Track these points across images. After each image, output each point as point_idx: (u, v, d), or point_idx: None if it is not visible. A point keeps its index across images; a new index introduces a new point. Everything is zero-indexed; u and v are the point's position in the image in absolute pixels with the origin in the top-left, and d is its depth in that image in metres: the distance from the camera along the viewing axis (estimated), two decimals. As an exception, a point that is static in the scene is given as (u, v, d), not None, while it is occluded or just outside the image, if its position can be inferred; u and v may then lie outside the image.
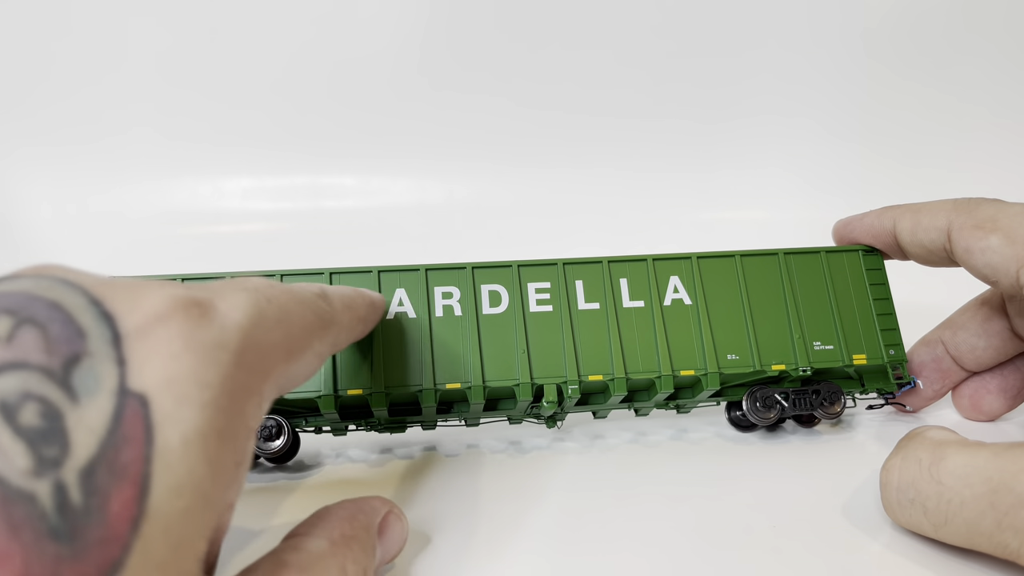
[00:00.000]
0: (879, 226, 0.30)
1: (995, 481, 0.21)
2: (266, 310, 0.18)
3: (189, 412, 0.14)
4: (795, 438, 0.30)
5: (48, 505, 0.12)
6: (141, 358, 0.14)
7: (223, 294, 0.17)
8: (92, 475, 0.13)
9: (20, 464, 0.12)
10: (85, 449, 0.13)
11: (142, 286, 0.16)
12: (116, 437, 0.13)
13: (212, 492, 0.15)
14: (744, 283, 0.29)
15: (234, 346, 0.16)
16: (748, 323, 0.29)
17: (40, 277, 0.15)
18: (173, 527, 0.14)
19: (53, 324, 0.14)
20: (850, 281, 0.30)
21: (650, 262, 0.29)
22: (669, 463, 0.29)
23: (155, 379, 0.14)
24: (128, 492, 0.13)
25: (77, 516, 0.13)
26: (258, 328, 0.17)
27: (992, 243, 0.26)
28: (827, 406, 0.29)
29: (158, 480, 0.14)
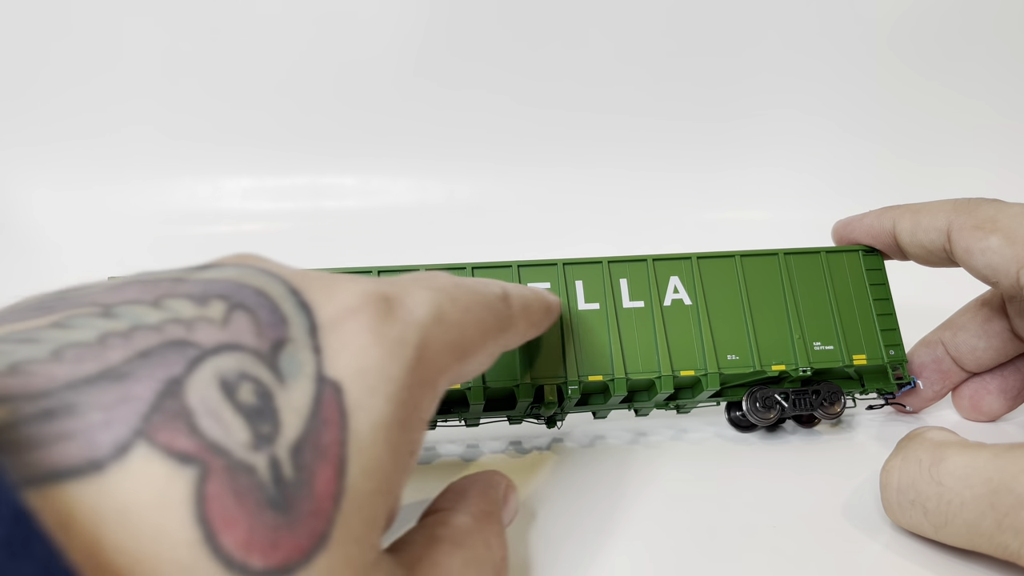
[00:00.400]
0: (879, 226, 0.30)
1: (995, 482, 0.21)
2: (447, 310, 0.18)
3: (377, 402, 0.15)
4: (795, 438, 0.30)
5: (266, 477, 0.13)
6: (335, 348, 0.15)
7: (410, 291, 0.18)
8: (300, 452, 0.14)
9: (241, 438, 0.13)
10: (293, 428, 0.14)
11: (335, 279, 0.17)
12: (317, 419, 0.14)
13: (393, 477, 0.16)
14: (744, 283, 0.29)
15: (415, 342, 0.17)
16: (748, 323, 0.29)
17: (243, 266, 0.17)
18: (365, 506, 0.15)
19: (261, 310, 0.15)
20: (850, 281, 0.30)
21: (650, 262, 0.29)
22: (669, 463, 0.29)
23: (347, 369, 0.15)
24: (330, 471, 0.14)
25: (290, 489, 0.13)
26: (438, 327, 0.18)
27: (992, 244, 0.26)
28: (827, 406, 0.29)
29: (352, 462, 0.15)
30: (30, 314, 0.15)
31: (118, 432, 0.12)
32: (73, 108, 0.53)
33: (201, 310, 0.15)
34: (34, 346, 0.14)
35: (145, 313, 0.14)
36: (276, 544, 0.13)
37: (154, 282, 0.16)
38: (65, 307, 0.15)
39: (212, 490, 0.13)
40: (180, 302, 0.15)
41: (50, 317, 0.15)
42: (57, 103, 0.53)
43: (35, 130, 0.53)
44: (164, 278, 0.16)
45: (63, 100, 0.53)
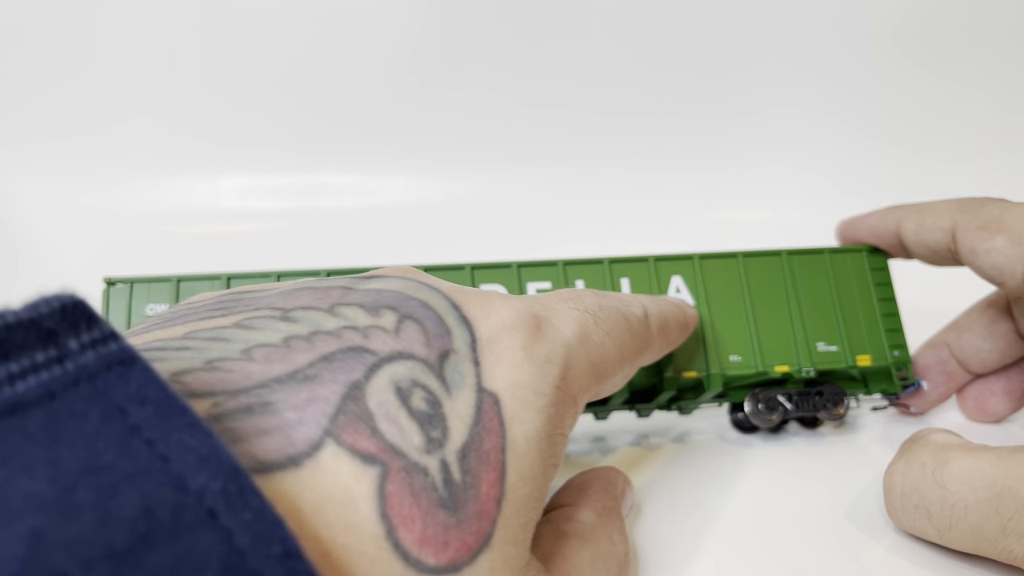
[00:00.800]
0: (883, 226, 0.29)
1: (999, 486, 0.21)
2: (591, 331, 0.19)
3: (529, 414, 0.16)
4: (798, 439, 0.30)
5: (438, 479, 0.14)
6: (491, 362, 0.16)
7: (557, 311, 0.19)
8: (467, 456, 0.15)
9: (416, 441, 0.14)
10: (459, 434, 0.15)
11: (489, 296, 0.18)
12: (480, 427, 0.15)
13: (543, 484, 0.17)
14: (747, 284, 0.29)
15: (561, 361, 0.18)
16: (751, 324, 0.29)
17: (406, 279, 0.18)
18: (523, 509, 0.16)
19: (428, 321, 0.16)
20: (854, 281, 0.30)
21: (652, 262, 0.29)
22: (670, 465, 0.28)
23: (503, 382, 0.16)
24: (493, 475, 0.15)
25: (459, 490, 0.14)
26: (581, 347, 0.19)
27: (997, 244, 0.26)
28: (831, 408, 0.28)
29: (511, 468, 0.15)
30: (211, 313, 0.16)
31: (310, 431, 0.13)
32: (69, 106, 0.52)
33: (374, 319, 0.16)
34: (226, 344, 0.15)
35: (323, 319, 0.16)
36: (447, 543, 0.14)
37: (325, 289, 0.17)
38: (243, 308, 0.16)
39: (392, 489, 0.13)
40: (353, 310, 0.16)
41: (232, 317, 0.16)
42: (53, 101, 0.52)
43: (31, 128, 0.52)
44: (334, 286, 0.17)
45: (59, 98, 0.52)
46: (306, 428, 0.13)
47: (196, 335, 0.15)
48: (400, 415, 0.14)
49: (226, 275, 0.27)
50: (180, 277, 0.27)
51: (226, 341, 0.15)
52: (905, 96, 0.54)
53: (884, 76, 0.53)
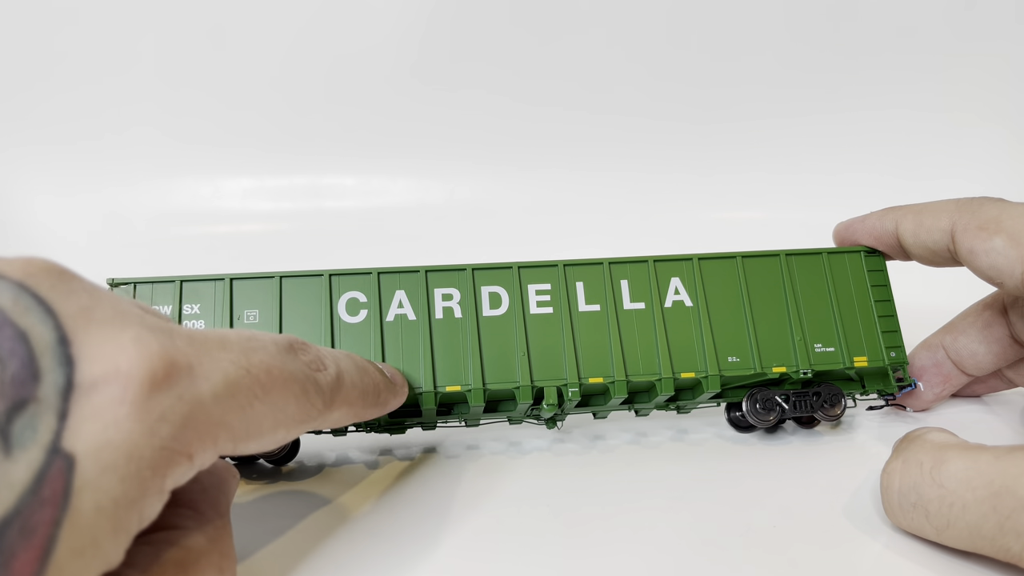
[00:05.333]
0: (881, 228, 0.30)
1: (997, 484, 0.21)
2: (240, 390, 0.17)
3: (110, 482, 0.14)
4: (795, 439, 0.30)
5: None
6: (83, 415, 0.14)
7: (206, 357, 0.17)
8: (3, 533, 0.13)
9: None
10: (2, 506, 0.13)
11: (120, 330, 0.15)
12: (35, 498, 0.13)
13: (111, 552, 0.14)
14: (745, 285, 0.29)
15: (178, 419, 0.15)
16: (749, 325, 0.29)
17: (22, 291, 0.15)
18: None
19: (13, 361, 0.14)
20: (852, 282, 0.30)
21: (651, 263, 0.29)
22: (669, 464, 0.29)
23: (88, 442, 0.14)
24: (32, 553, 0.13)
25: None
26: (216, 405, 0.16)
27: (996, 245, 0.26)
28: (828, 408, 0.28)
29: (63, 543, 0.13)
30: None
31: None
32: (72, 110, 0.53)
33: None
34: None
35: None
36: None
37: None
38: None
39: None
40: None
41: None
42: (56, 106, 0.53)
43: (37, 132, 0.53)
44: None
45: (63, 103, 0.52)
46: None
47: None
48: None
49: (229, 276, 0.27)
50: (183, 278, 0.27)
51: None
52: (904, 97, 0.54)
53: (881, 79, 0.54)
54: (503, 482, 0.28)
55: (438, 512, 0.26)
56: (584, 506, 0.26)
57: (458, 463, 0.29)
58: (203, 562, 0.18)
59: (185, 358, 0.16)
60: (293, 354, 0.20)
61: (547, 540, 0.24)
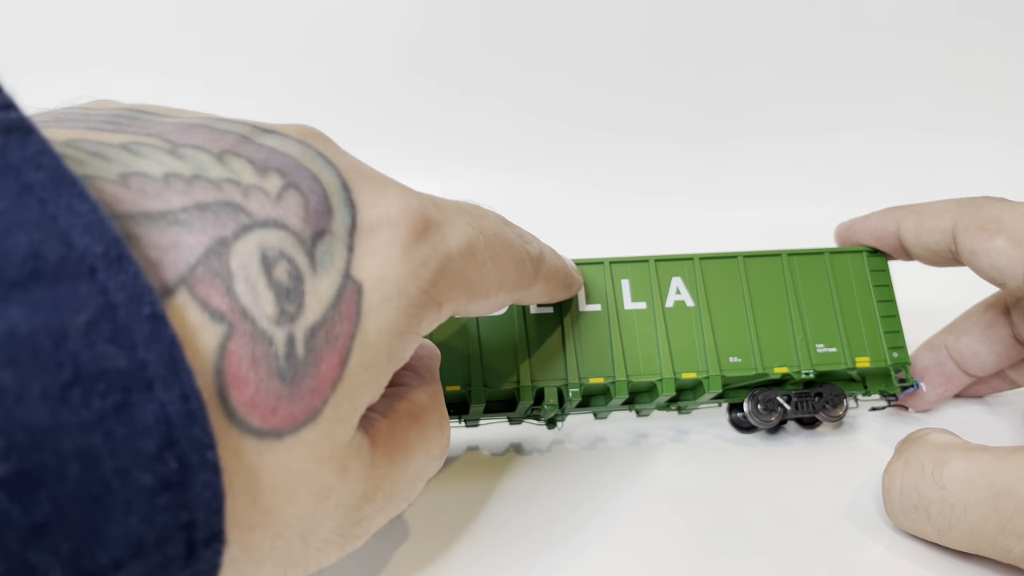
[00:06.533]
0: (882, 228, 0.29)
1: (998, 486, 0.21)
2: (478, 250, 0.19)
3: (387, 310, 0.16)
4: (797, 439, 0.30)
5: (281, 350, 0.14)
6: (365, 251, 0.16)
7: (451, 219, 0.19)
8: (314, 336, 0.15)
9: (268, 311, 0.14)
10: (313, 313, 0.15)
11: (385, 185, 0.18)
12: (335, 311, 0.15)
13: (383, 376, 0.17)
14: (747, 285, 0.29)
15: (436, 267, 0.18)
16: (751, 325, 0.29)
17: (305, 145, 0.17)
18: (355, 395, 0.16)
19: (312, 196, 0.16)
20: (853, 282, 0.30)
21: (652, 263, 0.29)
22: (670, 465, 0.29)
23: (371, 274, 0.16)
24: (335, 358, 0.15)
25: (298, 365, 0.15)
26: (462, 261, 0.19)
27: (998, 245, 0.26)
28: (829, 409, 0.28)
29: (355, 356, 0.16)
30: (101, 124, 0.16)
31: (166, 275, 0.13)
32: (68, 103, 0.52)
33: (259, 179, 0.15)
34: (104, 163, 0.14)
35: (209, 164, 0.15)
36: (275, 410, 0.14)
37: (222, 132, 0.16)
38: (135, 130, 0.16)
39: (232, 349, 0.14)
40: (242, 163, 0.16)
41: (121, 136, 0.15)
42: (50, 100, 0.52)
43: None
44: (231, 131, 0.16)
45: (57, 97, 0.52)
46: (163, 272, 0.13)
47: (78, 144, 0.14)
48: (259, 281, 0.14)
49: None
50: None
51: (106, 160, 0.14)
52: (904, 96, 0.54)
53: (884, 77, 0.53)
54: (502, 483, 0.27)
55: (436, 513, 0.26)
56: (584, 507, 0.26)
57: (457, 463, 0.29)
58: (428, 416, 0.20)
59: (435, 216, 0.18)
60: (509, 225, 0.22)
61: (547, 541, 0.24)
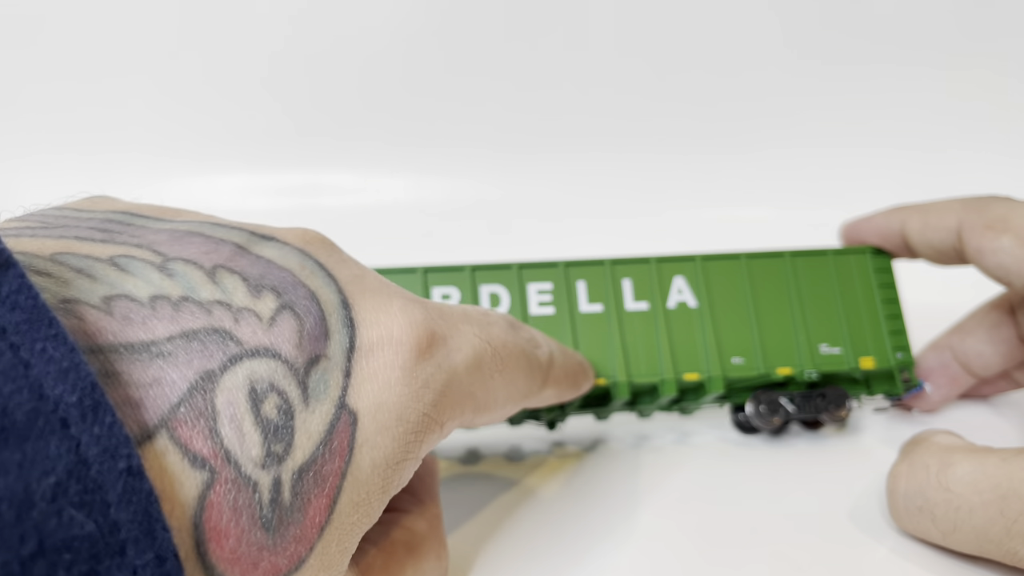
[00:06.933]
0: (887, 227, 0.29)
1: (1004, 488, 0.21)
2: (486, 364, 0.18)
3: (384, 441, 0.15)
4: (800, 441, 0.30)
5: (265, 496, 0.13)
6: (363, 376, 0.15)
7: (458, 331, 0.18)
8: (302, 478, 0.14)
9: (254, 453, 0.13)
10: (302, 452, 0.14)
11: (388, 299, 0.17)
12: (327, 448, 0.14)
13: (374, 512, 0.16)
14: (750, 285, 0.29)
15: (439, 387, 0.17)
16: (754, 326, 0.28)
17: (305, 255, 0.16)
18: (345, 536, 0.15)
19: (308, 318, 0.15)
20: (857, 282, 0.29)
21: (654, 263, 0.29)
22: (672, 466, 0.28)
23: (368, 401, 0.15)
24: (323, 500, 0.14)
25: (284, 512, 0.13)
26: (467, 378, 0.17)
27: (1004, 244, 0.25)
28: (833, 411, 0.28)
29: (345, 495, 0.15)
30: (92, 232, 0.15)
31: (147, 417, 0.12)
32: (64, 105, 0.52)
33: (252, 300, 0.14)
34: (90, 283, 0.13)
35: (199, 284, 0.14)
36: (257, 564, 0.13)
37: (217, 241, 0.15)
38: (126, 240, 0.15)
39: (214, 499, 0.13)
40: (235, 281, 0.15)
41: (110, 248, 0.14)
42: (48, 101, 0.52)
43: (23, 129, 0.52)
44: (227, 240, 0.16)
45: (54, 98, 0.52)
46: (143, 413, 0.12)
47: (64, 259, 0.14)
48: (246, 420, 0.13)
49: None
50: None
51: (92, 279, 0.13)
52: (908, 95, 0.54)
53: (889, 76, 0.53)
54: (502, 485, 0.27)
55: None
56: (584, 509, 0.26)
57: (456, 465, 0.29)
58: (425, 546, 0.19)
59: (441, 329, 0.17)
60: (516, 331, 0.21)
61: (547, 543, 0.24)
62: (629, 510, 0.26)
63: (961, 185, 0.34)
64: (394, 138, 0.54)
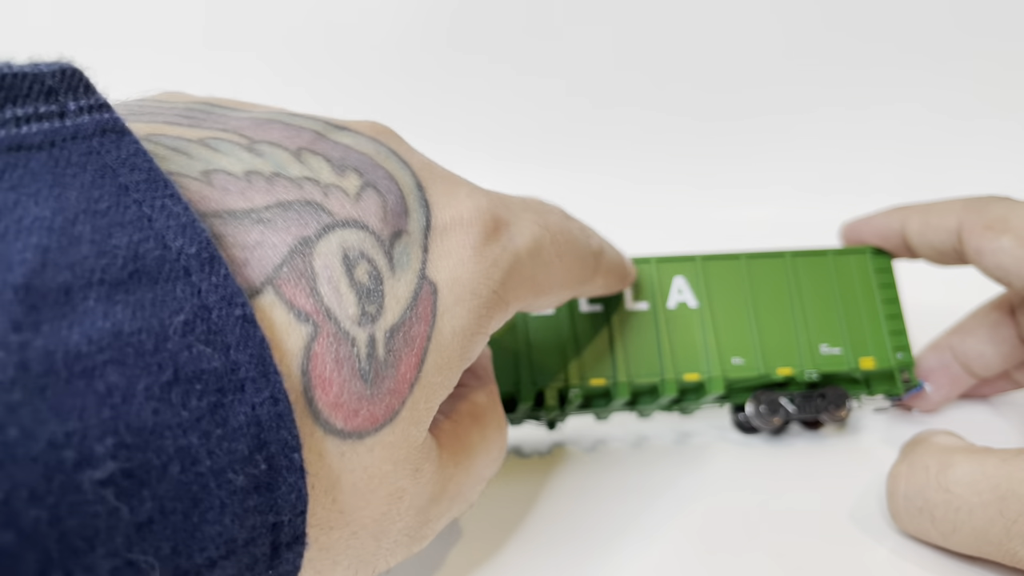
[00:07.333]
0: (887, 227, 0.29)
1: (1003, 488, 0.21)
2: (544, 248, 0.19)
3: (461, 311, 0.17)
4: (800, 441, 0.30)
5: (363, 351, 0.14)
6: (439, 252, 0.16)
7: (519, 218, 0.19)
8: (393, 337, 0.15)
9: (351, 311, 0.14)
10: (392, 314, 0.15)
11: (456, 185, 0.18)
12: (413, 312, 0.16)
13: (454, 377, 0.17)
14: (750, 285, 0.29)
15: (505, 267, 0.18)
16: (754, 326, 0.28)
17: (378, 143, 0.17)
18: (430, 395, 0.16)
19: (390, 196, 0.16)
20: (858, 283, 0.29)
21: (654, 263, 0.29)
22: (672, 466, 0.28)
23: (445, 275, 0.16)
24: (413, 359, 0.15)
25: (379, 366, 0.15)
26: (529, 260, 0.19)
27: (1004, 244, 0.26)
28: (833, 411, 0.28)
29: (431, 357, 0.16)
30: (178, 118, 0.16)
31: (253, 275, 0.13)
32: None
33: (337, 178, 0.15)
34: (187, 160, 0.14)
35: (287, 162, 0.15)
36: (357, 411, 0.14)
37: (296, 128, 0.16)
38: (211, 125, 0.16)
39: (318, 350, 0.14)
40: (319, 161, 0.16)
41: (198, 131, 0.15)
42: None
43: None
44: (305, 127, 0.16)
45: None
46: (249, 272, 0.13)
47: (158, 139, 0.14)
48: (342, 282, 0.14)
49: None
50: None
51: (188, 156, 0.14)
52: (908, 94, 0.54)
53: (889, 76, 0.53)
54: (502, 485, 0.27)
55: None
56: (584, 509, 0.26)
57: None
58: (488, 416, 0.21)
59: (504, 215, 0.18)
60: (571, 220, 0.22)
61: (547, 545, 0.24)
62: (628, 510, 0.26)
63: (961, 185, 0.34)
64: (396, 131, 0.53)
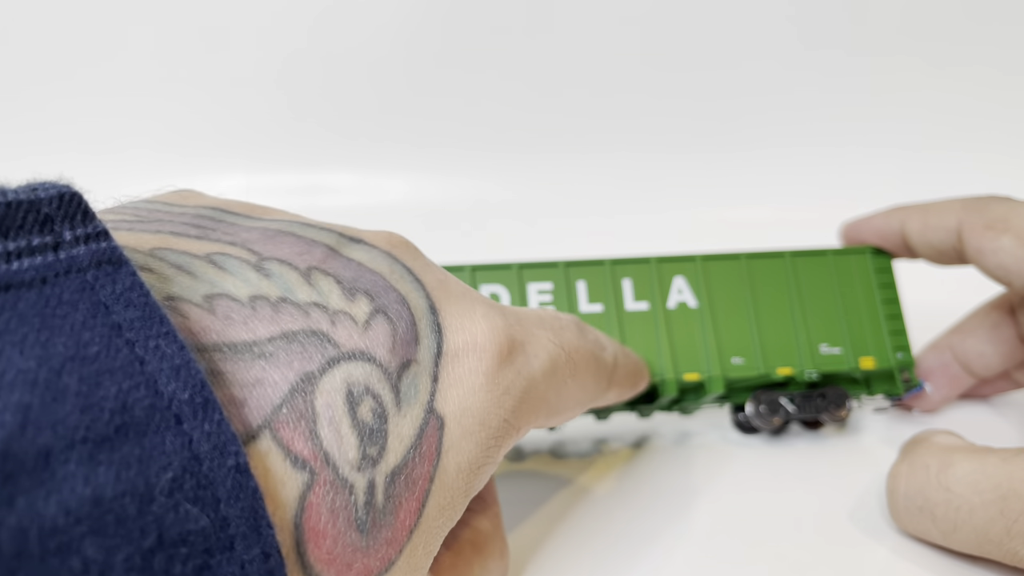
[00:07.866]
0: (887, 227, 0.29)
1: (1004, 488, 0.21)
2: (559, 371, 0.18)
3: (468, 446, 0.15)
4: (800, 441, 0.30)
5: (360, 499, 0.13)
6: (449, 381, 0.15)
7: (535, 339, 0.18)
8: (394, 481, 0.14)
9: (351, 456, 0.13)
10: (395, 456, 0.14)
11: (471, 305, 0.17)
12: (417, 452, 0.14)
13: (456, 516, 0.16)
14: (750, 285, 0.29)
15: (519, 393, 0.17)
16: (754, 326, 0.28)
17: (393, 259, 0.16)
18: (431, 539, 0.15)
19: (400, 323, 0.15)
20: (858, 282, 0.29)
21: (654, 263, 0.29)
22: (672, 467, 0.28)
23: (454, 406, 0.15)
24: (413, 504, 0.14)
25: (377, 515, 0.14)
26: (544, 383, 0.18)
27: (1004, 244, 0.25)
28: (833, 411, 0.28)
29: (432, 499, 0.15)
30: (185, 228, 0.15)
31: (250, 416, 0.13)
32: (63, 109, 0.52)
33: (347, 303, 0.15)
34: (191, 281, 0.13)
35: (296, 285, 0.14)
36: (351, 565, 0.13)
37: (309, 242, 0.15)
38: (219, 237, 0.15)
39: (313, 500, 0.13)
40: (329, 283, 0.15)
41: (205, 245, 0.14)
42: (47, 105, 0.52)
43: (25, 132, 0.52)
44: (319, 241, 0.16)
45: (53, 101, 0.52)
46: (247, 413, 0.12)
47: (163, 255, 0.14)
48: (344, 423, 0.13)
49: None
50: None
51: (191, 276, 0.13)
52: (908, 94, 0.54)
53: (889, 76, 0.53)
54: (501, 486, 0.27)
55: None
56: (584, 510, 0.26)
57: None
58: (490, 545, 0.20)
59: (520, 336, 0.17)
60: (585, 334, 0.21)
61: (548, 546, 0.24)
62: (628, 510, 0.26)
63: (961, 185, 0.34)
64: (394, 138, 0.54)
